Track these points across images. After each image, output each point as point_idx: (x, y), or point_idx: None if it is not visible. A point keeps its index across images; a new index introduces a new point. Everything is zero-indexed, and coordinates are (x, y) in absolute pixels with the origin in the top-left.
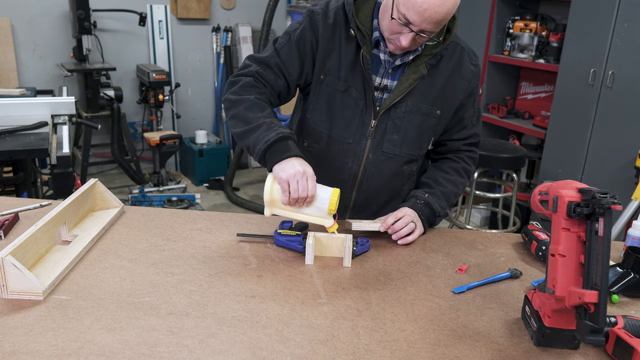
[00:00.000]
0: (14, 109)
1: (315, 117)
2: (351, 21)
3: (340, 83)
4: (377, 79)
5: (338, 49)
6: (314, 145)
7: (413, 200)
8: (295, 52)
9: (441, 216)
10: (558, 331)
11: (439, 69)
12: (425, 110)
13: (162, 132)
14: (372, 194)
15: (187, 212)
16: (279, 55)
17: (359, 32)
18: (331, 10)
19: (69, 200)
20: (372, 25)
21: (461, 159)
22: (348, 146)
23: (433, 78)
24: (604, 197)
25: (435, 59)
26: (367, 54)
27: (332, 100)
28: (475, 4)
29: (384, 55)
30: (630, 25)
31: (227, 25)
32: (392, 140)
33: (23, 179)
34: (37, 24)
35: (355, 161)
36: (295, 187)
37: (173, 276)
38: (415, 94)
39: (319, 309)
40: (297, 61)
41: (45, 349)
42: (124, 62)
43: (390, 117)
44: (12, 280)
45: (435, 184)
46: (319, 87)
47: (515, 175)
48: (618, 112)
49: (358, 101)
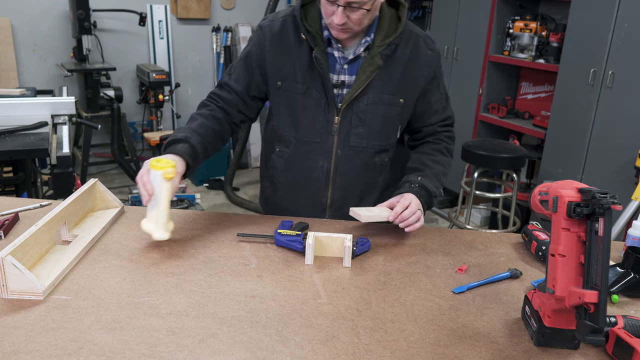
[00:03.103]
0: (14, 109)
1: (281, 122)
2: (300, 26)
3: (299, 86)
4: (334, 77)
5: (291, 55)
6: (284, 150)
7: (408, 185)
8: (243, 68)
9: (436, 196)
10: (558, 331)
11: (396, 58)
12: (388, 100)
13: (162, 132)
14: (347, 189)
15: (187, 212)
16: (230, 76)
17: (309, 35)
18: (278, 20)
19: (69, 200)
20: (321, 25)
21: (440, 139)
22: (316, 145)
23: (390, 68)
24: (604, 197)
25: (390, 49)
26: (319, 53)
27: (294, 103)
28: (475, 4)
29: (338, 53)
30: (630, 25)
31: (227, 25)
32: (358, 134)
33: (23, 179)
34: (37, 24)
35: (325, 159)
36: (141, 185)
37: (173, 276)
38: (375, 85)
39: (319, 309)
40: (245, 76)
41: (45, 349)
42: (124, 62)
43: (353, 112)
44: (12, 280)
45: (424, 167)
46: (278, 93)
47: (515, 175)
48: (618, 112)
49: (319, 100)
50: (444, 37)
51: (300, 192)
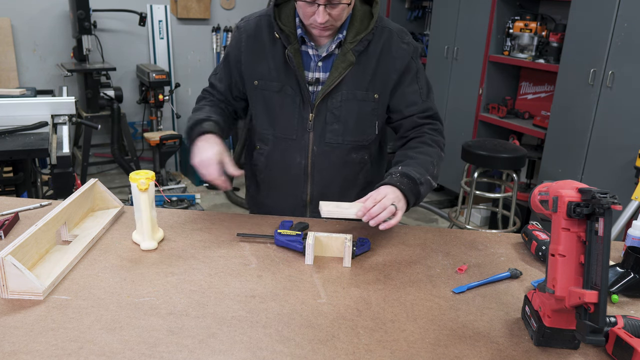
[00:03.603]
0: (14, 109)
1: (259, 120)
2: (274, 25)
3: (274, 84)
4: (309, 74)
5: (265, 54)
6: (263, 148)
7: (389, 177)
8: (226, 68)
9: (423, 183)
10: (558, 331)
11: (368, 54)
12: (361, 97)
13: (162, 132)
14: (326, 186)
15: (187, 212)
16: (215, 75)
17: (282, 34)
18: (253, 20)
19: (69, 200)
20: (295, 24)
21: (424, 132)
22: (293, 142)
23: (363, 64)
24: (604, 197)
25: (362, 45)
26: (292, 52)
27: (270, 101)
28: (475, 4)
29: (311, 50)
30: (630, 25)
31: (227, 25)
32: (333, 131)
33: (23, 179)
34: (37, 24)
35: (302, 156)
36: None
37: (173, 276)
38: (348, 81)
39: (319, 309)
40: (226, 77)
41: (45, 349)
42: (124, 62)
43: (328, 108)
44: (12, 280)
45: (406, 158)
46: (254, 92)
47: (515, 175)
48: (618, 112)
49: (294, 97)
50: (444, 37)
51: (281, 189)
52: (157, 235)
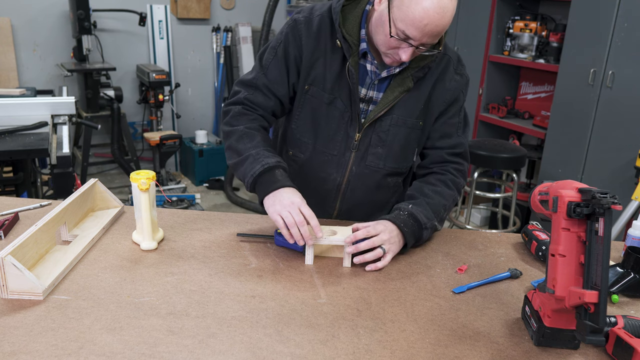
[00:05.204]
0: (14, 109)
1: (300, 127)
2: (338, 32)
3: (326, 95)
4: (362, 90)
5: (323, 59)
6: (299, 155)
7: (396, 212)
8: (282, 69)
9: (428, 228)
10: (558, 331)
11: (425, 81)
12: (411, 124)
13: (162, 132)
14: (355, 204)
15: (187, 212)
16: (266, 75)
17: (346, 43)
18: (315, 18)
19: (69, 200)
20: (359, 35)
21: (447, 171)
22: (332, 158)
23: (419, 91)
24: (604, 197)
25: (423, 71)
26: (353, 66)
27: (317, 111)
28: (475, 4)
29: (370, 66)
30: (630, 25)
31: (227, 25)
32: (376, 154)
33: (23, 179)
34: (37, 24)
35: (339, 172)
36: (290, 218)
37: (173, 276)
38: (401, 106)
39: (319, 309)
40: (285, 77)
41: (45, 349)
42: (124, 62)
43: (375, 130)
44: (12, 280)
45: (421, 195)
46: (304, 97)
47: (515, 175)
48: (618, 112)
49: (343, 113)
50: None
51: (308, 199)
52: (157, 236)
